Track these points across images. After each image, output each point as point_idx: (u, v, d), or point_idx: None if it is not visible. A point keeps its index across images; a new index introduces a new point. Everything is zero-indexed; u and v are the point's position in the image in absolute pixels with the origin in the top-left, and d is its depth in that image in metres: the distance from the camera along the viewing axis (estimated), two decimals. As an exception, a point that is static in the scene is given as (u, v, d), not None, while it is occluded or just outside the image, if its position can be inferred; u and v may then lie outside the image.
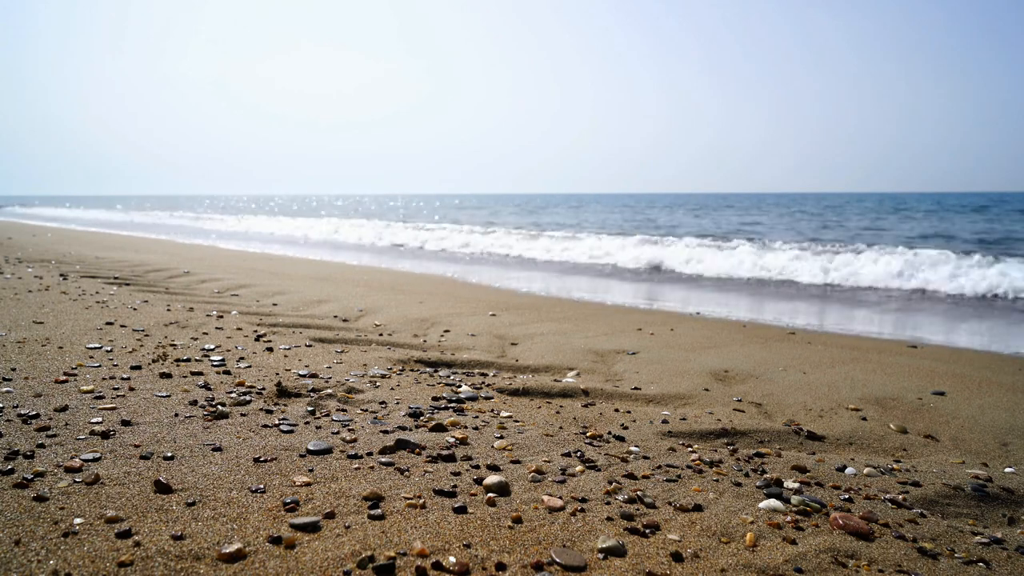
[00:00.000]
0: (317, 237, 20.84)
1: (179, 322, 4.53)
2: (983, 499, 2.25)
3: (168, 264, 9.21)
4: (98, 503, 1.76)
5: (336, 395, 2.99)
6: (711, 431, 2.80)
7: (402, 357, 3.85)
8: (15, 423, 2.35)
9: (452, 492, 1.98)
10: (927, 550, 1.82)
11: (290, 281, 7.67)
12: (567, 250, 14.00)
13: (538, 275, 10.75)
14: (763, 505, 2.03)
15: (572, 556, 1.65)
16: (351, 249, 16.40)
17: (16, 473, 1.93)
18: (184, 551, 1.56)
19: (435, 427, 2.59)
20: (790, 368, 4.10)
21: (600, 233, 17.66)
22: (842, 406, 3.30)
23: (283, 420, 2.58)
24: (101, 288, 6.14)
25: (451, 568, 1.57)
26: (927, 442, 2.86)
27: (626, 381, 3.66)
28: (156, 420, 2.49)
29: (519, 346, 4.50)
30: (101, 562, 1.49)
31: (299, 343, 4.09)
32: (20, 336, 3.75)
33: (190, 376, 3.15)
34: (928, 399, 3.48)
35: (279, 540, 1.63)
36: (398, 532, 1.72)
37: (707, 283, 10.16)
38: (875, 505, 2.11)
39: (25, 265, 7.99)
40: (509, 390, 3.28)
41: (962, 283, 8.89)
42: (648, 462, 2.37)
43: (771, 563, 1.69)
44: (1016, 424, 3.12)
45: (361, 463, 2.18)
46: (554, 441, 2.54)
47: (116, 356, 3.44)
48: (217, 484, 1.94)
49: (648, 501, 2.01)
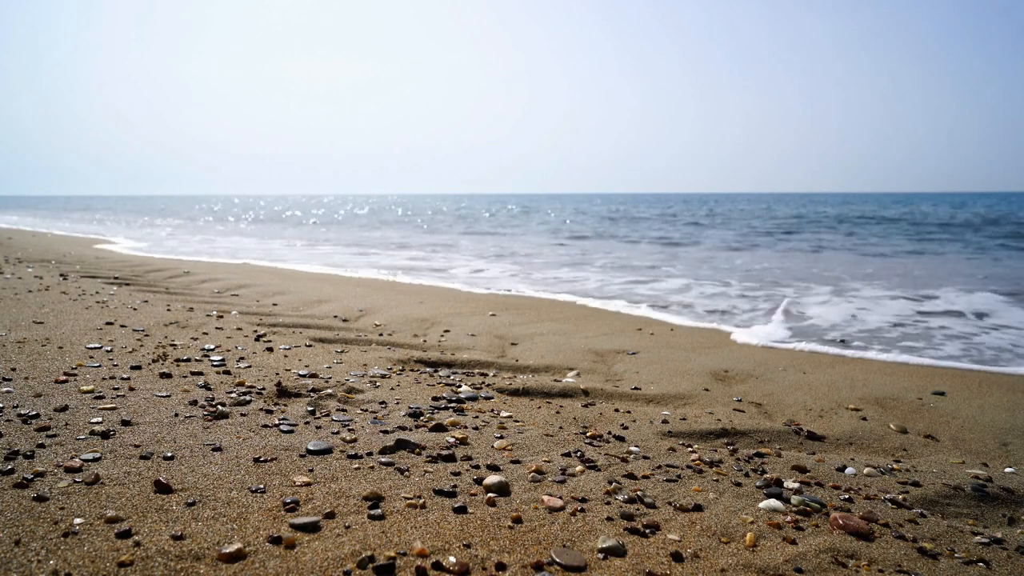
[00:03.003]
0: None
1: (179, 322, 4.53)
2: (983, 499, 2.25)
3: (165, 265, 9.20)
4: (98, 503, 1.76)
5: (336, 395, 2.99)
6: (711, 431, 2.80)
7: (402, 357, 3.85)
8: (15, 423, 2.35)
9: (452, 492, 1.98)
10: (927, 550, 1.82)
11: (290, 281, 7.67)
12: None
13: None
14: (763, 505, 2.03)
15: (572, 556, 1.65)
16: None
17: (16, 473, 1.93)
18: (184, 551, 1.56)
19: (435, 427, 2.59)
20: (790, 368, 4.10)
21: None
22: (842, 406, 3.30)
23: (283, 420, 2.58)
24: (101, 288, 6.14)
25: (451, 568, 1.57)
26: (927, 442, 2.86)
27: (626, 381, 3.66)
28: (156, 420, 2.49)
29: (519, 346, 4.50)
30: (101, 562, 1.49)
31: (299, 343, 4.09)
32: (20, 336, 3.75)
33: (190, 376, 3.15)
34: (928, 399, 3.48)
35: (279, 540, 1.63)
36: (398, 532, 1.72)
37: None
38: (875, 505, 2.11)
39: (25, 265, 7.99)
40: (509, 390, 3.28)
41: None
42: (648, 462, 2.37)
43: (771, 563, 1.69)
44: (1016, 424, 3.12)
45: (361, 463, 2.18)
46: (554, 441, 2.54)
47: (116, 356, 3.44)
48: (217, 484, 1.94)
49: (648, 501, 2.01)
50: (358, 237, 19.46)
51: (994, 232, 20.58)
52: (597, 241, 18.02)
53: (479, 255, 13.41)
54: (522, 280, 9.09)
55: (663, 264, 11.69)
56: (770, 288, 8.43)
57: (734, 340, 5.07)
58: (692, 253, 14.22)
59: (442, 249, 15.01)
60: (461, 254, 13.67)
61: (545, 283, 8.76)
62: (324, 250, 14.46)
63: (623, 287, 8.48)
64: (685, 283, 8.88)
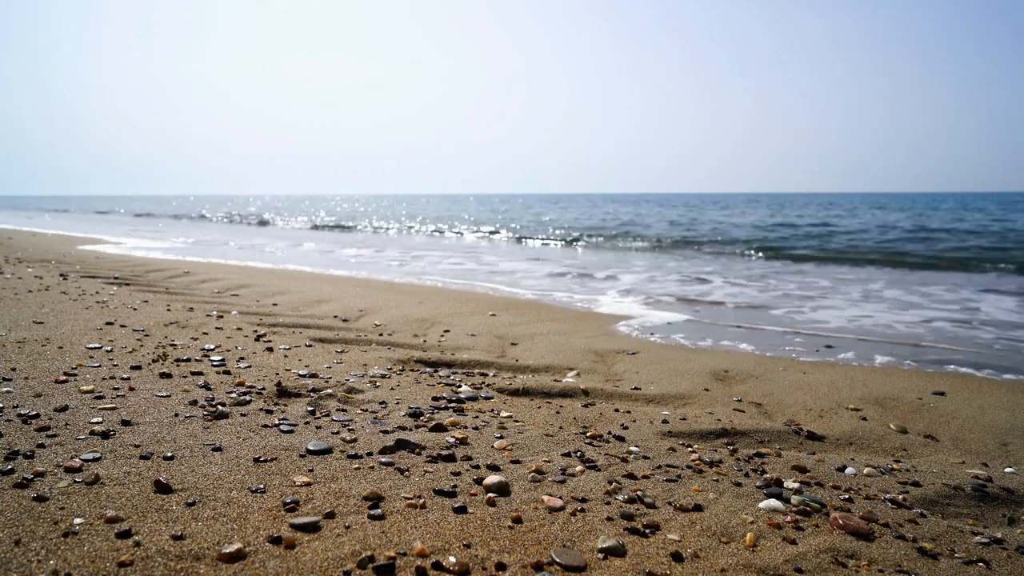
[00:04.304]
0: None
1: (179, 322, 4.53)
2: (983, 499, 2.24)
3: (165, 265, 9.20)
4: (98, 503, 1.76)
5: (336, 395, 2.99)
6: (711, 431, 2.80)
7: (402, 357, 3.85)
8: (15, 423, 2.35)
9: (452, 492, 1.98)
10: (927, 550, 1.82)
11: (290, 281, 7.67)
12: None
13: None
14: (763, 505, 2.03)
15: (572, 556, 1.65)
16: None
17: (16, 473, 1.93)
18: (184, 551, 1.56)
19: (435, 427, 2.59)
20: (790, 368, 4.10)
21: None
22: (842, 406, 3.30)
23: (283, 420, 2.58)
24: (101, 288, 6.14)
25: (451, 568, 1.57)
26: (927, 442, 2.86)
27: (626, 381, 3.66)
28: (156, 420, 2.49)
29: (519, 346, 4.50)
30: (101, 562, 1.49)
31: (299, 343, 4.09)
32: (20, 336, 3.75)
33: (190, 376, 3.15)
34: (928, 399, 3.48)
35: (279, 540, 1.63)
36: (398, 532, 1.72)
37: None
38: (875, 505, 2.11)
39: (25, 265, 7.99)
40: (509, 390, 3.28)
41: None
42: (648, 462, 2.37)
43: (771, 563, 1.69)
44: (1016, 424, 3.12)
45: (361, 463, 2.18)
46: (554, 441, 2.54)
47: (116, 356, 3.44)
48: (217, 484, 1.94)
49: (648, 501, 2.01)
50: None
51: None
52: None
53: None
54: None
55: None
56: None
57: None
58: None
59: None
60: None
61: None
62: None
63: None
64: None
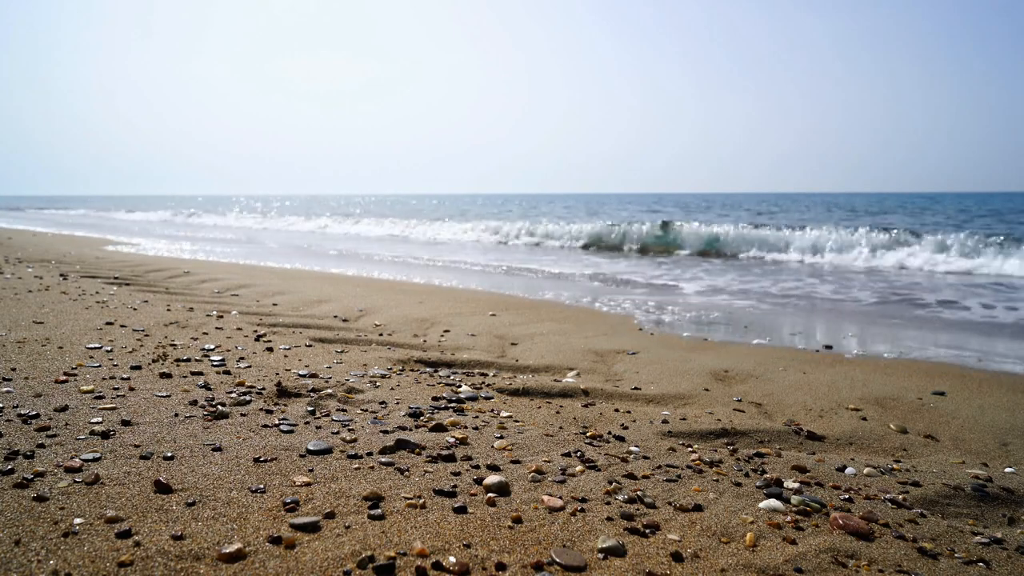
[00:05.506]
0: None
1: (179, 322, 4.53)
2: (983, 499, 2.24)
3: (165, 264, 9.20)
4: (98, 503, 1.76)
5: (336, 395, 2.99)
6: (711, 431, 2.80)
7: (402, 357, 3.85)
8: (15, 423, 2.35)
9: (452, 492, 1.98)
10: (927, 550, 1.82)
11: (290, 281, 7.67)
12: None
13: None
14: (763, 505, 2.03)
15: (572, 556, 1.65)
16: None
17: (16, 473, 1.93)
18: (184, 551, 1.56)
19: (435, 427, 2.59)
20: (790, 368, 4.10)
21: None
22: (842, 406, 3.30)
23: (283, 420, 2.58)
24: (101, 288, 6.14)
25: (451, 568, 1.57)
26: (927, 442, 2.86)
27: (626, 381, 3.66)
28: (156, 420, 2.49)
29: (519, 346, 4.50)
30: (101, 562, 1.49)
31: (299, 343, 4.09)
32: (20, 336, 3.75)
33: (190, 376, 3.15)
34: (928, 399, 3.48)
35: (279, 540, 1.63)
36: (398, 532, 1.72)
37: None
38: (875, 505, 2.11)
39: (25, 265, 7.99)
40: (509, 390, 3.28)
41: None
42: (648, 462, 2.37)
43: (771, 563, 1.69)
44: (1016, 424, 3.12)
45: (361, 463, 2.18)
46: (554, 441, 2.54)
47: (116, 356, 3.44)
48: (217, 484, 1.94)
49: (648, 501, 2.01)
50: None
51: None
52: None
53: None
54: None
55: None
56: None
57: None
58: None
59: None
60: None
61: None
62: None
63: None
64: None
